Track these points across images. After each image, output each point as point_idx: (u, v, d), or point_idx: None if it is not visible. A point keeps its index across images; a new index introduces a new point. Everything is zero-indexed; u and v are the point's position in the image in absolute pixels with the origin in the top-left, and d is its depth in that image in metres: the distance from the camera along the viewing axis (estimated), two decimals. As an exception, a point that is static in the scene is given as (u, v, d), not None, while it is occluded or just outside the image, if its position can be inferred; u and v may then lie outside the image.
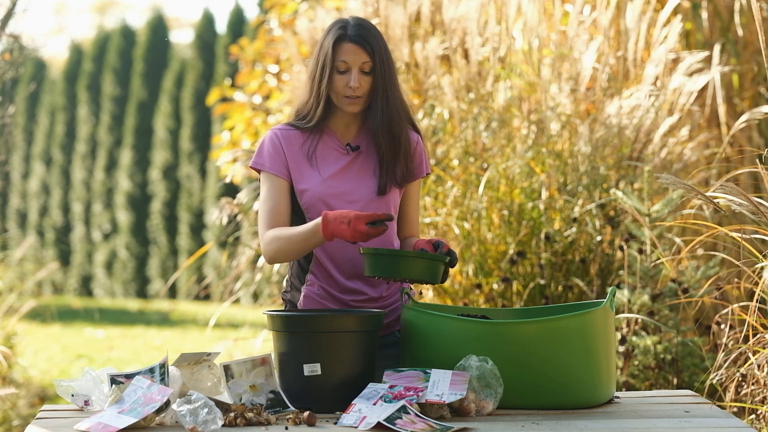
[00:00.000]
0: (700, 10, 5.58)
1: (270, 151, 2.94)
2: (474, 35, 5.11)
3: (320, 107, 2.92)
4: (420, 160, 3.03)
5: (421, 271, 2.76)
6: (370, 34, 2.90)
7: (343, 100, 2.91)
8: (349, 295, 2.94)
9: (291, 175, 2.94)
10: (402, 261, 2.75)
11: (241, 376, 2.67)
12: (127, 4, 27.49)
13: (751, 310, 3.27)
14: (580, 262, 4.74)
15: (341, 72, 2.89)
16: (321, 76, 2.90)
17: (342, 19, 2.94)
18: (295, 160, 2.94)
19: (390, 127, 2.92)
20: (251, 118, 6.89)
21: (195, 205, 15.27)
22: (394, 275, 2.76)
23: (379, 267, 2.76)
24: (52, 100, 17.35)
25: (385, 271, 2.76)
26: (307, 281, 2.97)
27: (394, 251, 2.77)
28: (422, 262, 2.76)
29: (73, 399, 2.69)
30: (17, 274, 7.34)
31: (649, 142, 4.93)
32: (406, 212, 3.05)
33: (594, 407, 2.72)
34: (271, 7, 7.23)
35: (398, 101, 2.94)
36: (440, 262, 2.78)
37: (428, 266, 2.77)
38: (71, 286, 16.86)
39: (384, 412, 2.49)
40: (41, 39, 20.80)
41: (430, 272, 2.77)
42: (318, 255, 2.95)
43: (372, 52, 2.88)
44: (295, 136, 2.96)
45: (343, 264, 2.93)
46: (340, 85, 2.89)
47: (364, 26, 2.91)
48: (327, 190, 2.92)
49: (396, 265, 2.75)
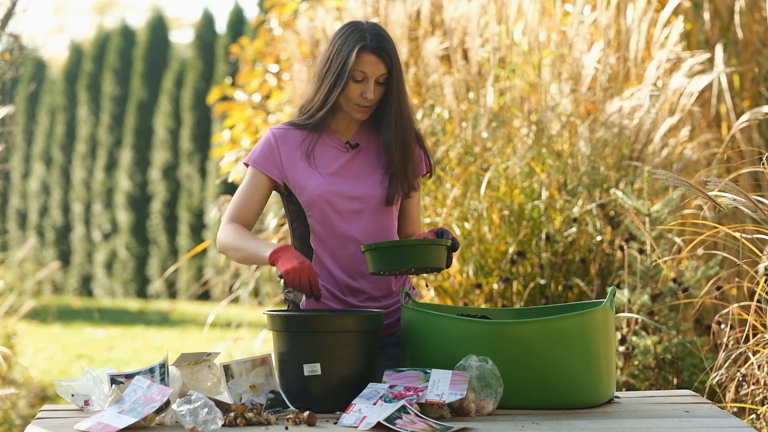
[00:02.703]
0: (701, 10, 5.58)
1: (264, 150, 2.95)
2: (474, 35, 5.11)
3: (325, 109, 2.91)
4: (420, 160, 3.02)
5: (424, 257, 2.74)
6: (389, 45, 2.88)
7: (353, 107, 2.90)
8: (352, 295, 2.94)
9: (286, 175, 2.93)
10: (402, 250, 2.74)
11: (241, 376, 2.67)
12: (127, 4, 27.50)
13: (752, 309, 3.27)
14: (580, 262, 4.74)
15: (357, 81, 2.88)
16: (335, 81, 2.87)
17: (357, 23, 2.90)
18: (293, 160, 2.94)
19: (403, 138, 2.92)
20: (251, 117, 6.89)
21: (195, 205, 15.27)
22: (398, 266, 2.75)
23: (381, 261, 2.75)
24: (52, 100, 17.34)
25: (389, 264, 2.75)
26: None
27: (392, 242, 2.75)
28: (423, 248, 2.74)
29: (73, 399, 2.69)
30: (17, 274, 7.34)
31: (649, 143, 4.93)
32: (407, 210, 3.04)
33: (594, 407, 2.72)
34: (271, 7, 7.22)
35: (409, 110, 2.94)
36: (441, 246, 2.77)
37: (430, 252, 2.74)
38: (71, 286, 16.86)
39: (384, 412, 2.49)
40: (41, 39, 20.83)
41: (433, 258, 2.74)
42: (319, 254, 2.94)
43: (390, 64, 2.87)
44: (293, 135, 2.96)
45: (345, 264, 2.93)
46: (354, 93, 2.88)
47: (383, 36, 2.88)
48: (329, 188, 2.91)
49: (397, 256, 2.74)
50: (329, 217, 2.91)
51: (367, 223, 2.92)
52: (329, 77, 2.89)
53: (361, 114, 2.91)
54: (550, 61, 5.14)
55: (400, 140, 2.92)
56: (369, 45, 2.86)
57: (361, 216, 2.93)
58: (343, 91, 2.88)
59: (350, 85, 2.88)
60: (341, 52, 2.87)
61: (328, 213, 2.91)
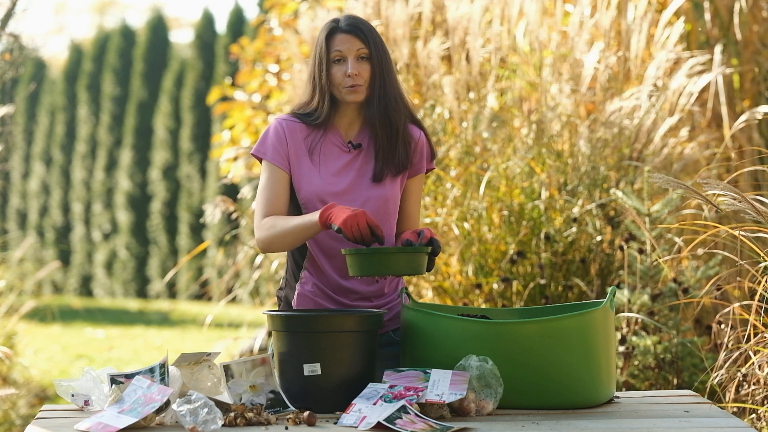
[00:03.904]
0: (702, 11, 5.58)
1: (273, 141, 2.93)
2: (476, 36, 5.11)
3: (326, 104, 2.91)
4: (421, 156, 3.02)
5: (404, 265, 2.74)
6: (362, 24, 2.92)
7: (343, 91, 2.90)
8: (344, 294, 2.94)
9: (291, 169, 2.93)
10: (383, 258, 2.74)
11: (241, 376, 2.67)
12: (127, 4, 27.52)
13: (753, 309, 3.27)
14: (580, 262, 4.74)
15: (337, 62, 2.89)
16: (320, 71, 2.90)
17: (336, 17, 2.96)
18: (297, 153, 2.94)
19: (387, 115, 2.91)
20: (251, 117, 6.90)
21: (195, 205, 15.27)
22: (377, 272, 2.75)
23: (361, 266, 2.75)
24: (52, 100, 17.35)
25: (368, 270, 2.74)
26: (302, 278, 2.96)
27: (373, 249, 2.75)
28: (403, 256, 2.74)
29: (73, 399, 2.69)
30: (17, 274, 7.34)
31: (649, 143, 4.93)
32: (404, 207, 3.04)
33: (594, 407, 2.72)
34: (271, 7, 7.23)
35: (396, 90, 2.94)
36: (422, 254, 2.77)
37: (409, 259, 2.75)
38: (71, 286, 16.86)
39: (384, 412, 2.48)
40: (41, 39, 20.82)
41: (413, 265, 2.75)
42: (313, 251, 2.94)
43: (366, 39, 2.89)
44: (299, 129, 2.95)
45: (338, 261, 2.92)
46: (338, 76, 2.89)
47: (356, 18, 2.93)
48: (326, 188, 2.91)
49: (377, 263, 2.74)
50: None
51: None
52: (316, 70, 2.91)
53: (354, 95, 2.90)
54: (550, 61, 5.14)
55: (383, 116, 2.91)
56: (339, 26, 2.91)
57: None
58: (329, 77, 2.90)
59: (333, 70, 2.89)
60: (318, 42, 2.92)
61: None
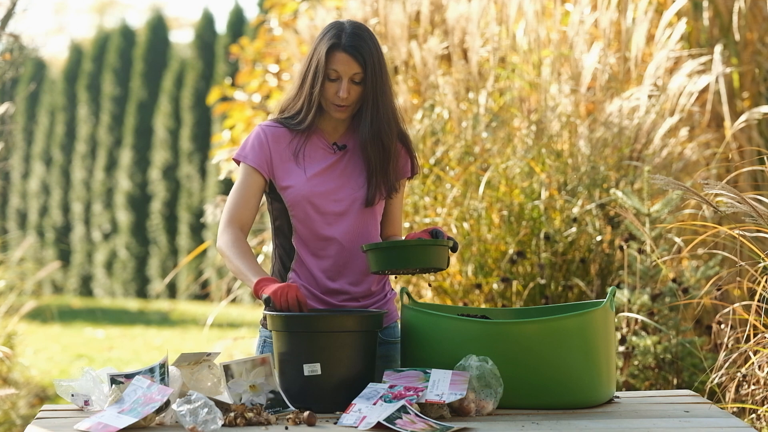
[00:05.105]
0: (702, 11, 5.58)
1: (254, 146, 2.94)
2: (475, 35, 5.11)
3: (312, 112, 2.91)
4: (405, 161, 3.02)
5: (427, 258, 2.75)
6: (364, 44, 2.87)
7: (331, 107, 2.90)
8: (332, 295, 2.93)
9: (273, 173, 2.93)
10: (406, 251, 2.74)
11: (241, 376, 2.67)
12: (127, 4, 27.50)
13: (753, 309, 3.27)
14: (580, 262, 4.74)
15: (332, 80, 2.88)
16: (313, 81, 2.89)
17: (338, 23, 2.91)
18: (281, 158, 2.93)
19: (380, 138, 2.91)
20: (251, 117, 6.89)
21: (195, 205, 15.26)
22: (401, 266, 2.75)
23: (384, 261, 2.75)
24: (52, 100, 17.34)
25: (391, 264, 2.75)
26: (289, 280, 2.95)
27: (395, 242, 2.76)
28: (426, 249, 2.75)
29: (73, 399, 2.69)
30: (17, 274, 7.33)
31: (649, 143, 4.93)
32: (389, 211, 3.04)
33: (594, 407, 2.72)
34: (271, 7, 7.23)
35: (389, 110, 2.92)
36: (443, 247, 2.78)
37: (433, 252, 2.76)
38: (71, 286, 16.86)
39: (384, 411, 2.48)
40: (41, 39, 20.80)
41: (436, 258, 2.76)
42: (301, 254, 2.94)
43: (364, 63, 2.86)
44: (283, 134, 2.95)
45: (326, 264, 2.92)
46: (330, 92, 2.89)
47: (359, 35, 2.87)
48: (312, 189, 2.91)
49: (401, 256, 2.74)
50: (312, 218, 2.91)
51: (349, 224, 2.92)
52: (308, 77, 2.90)
53: (339, 113, 2.91)
54: (550, 61, 5.14)
55: (376, 140, 2.90)
56: (341, 44, 2.86)
57: (344, 218, 2.92)
58: (321, 89, 2.89)
59: (326, 84, 2.88)
60: (317, 51, 2.89)
61: (310, 213, 2.91)
